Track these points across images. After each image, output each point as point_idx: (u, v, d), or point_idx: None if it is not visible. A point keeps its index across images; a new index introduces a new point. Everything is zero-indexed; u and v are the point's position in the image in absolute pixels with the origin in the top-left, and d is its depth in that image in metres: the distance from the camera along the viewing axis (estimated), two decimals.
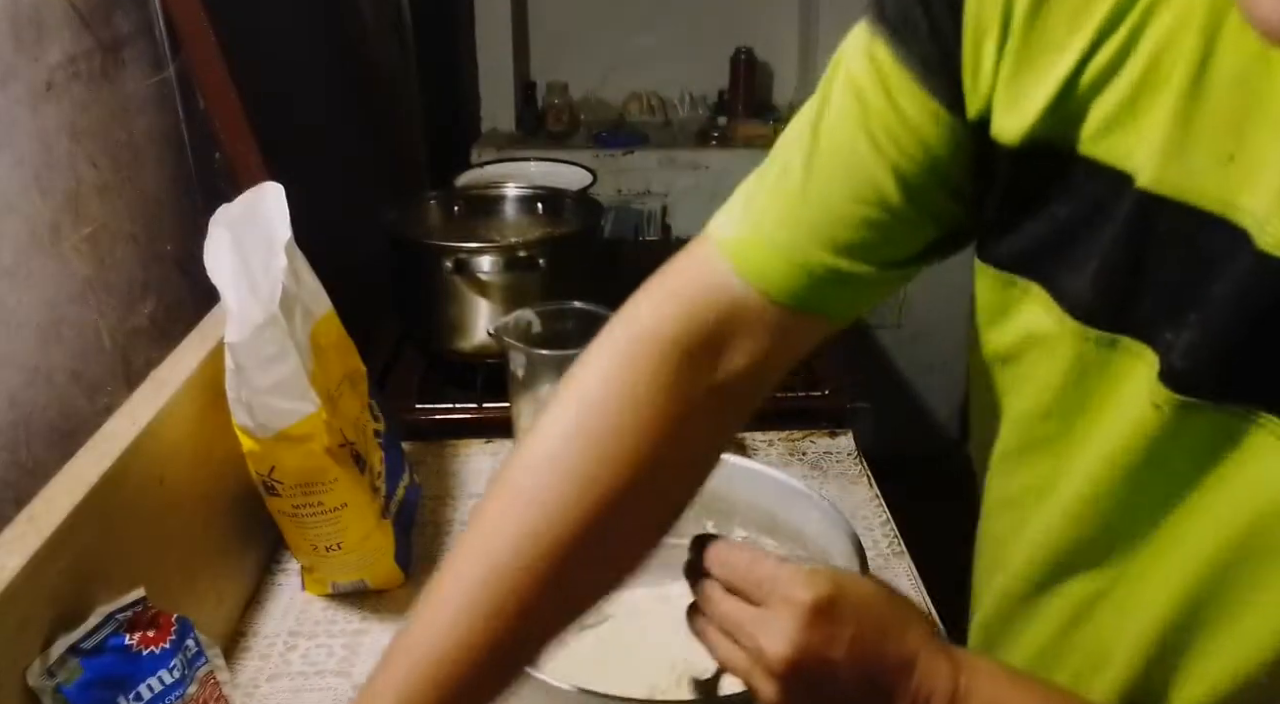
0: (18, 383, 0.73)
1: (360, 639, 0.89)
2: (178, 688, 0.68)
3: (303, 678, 0.85)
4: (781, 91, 2.72)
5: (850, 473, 1.12)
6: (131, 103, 0.91)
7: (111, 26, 0.88)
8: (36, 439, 0.75)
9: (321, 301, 0.89)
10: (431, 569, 0.97)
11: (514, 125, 2.62)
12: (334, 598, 0.94)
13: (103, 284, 0.85)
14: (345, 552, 0.88)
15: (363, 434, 0.91)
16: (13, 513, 0.66)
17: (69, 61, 0.81)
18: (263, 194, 0.87)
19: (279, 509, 0.86)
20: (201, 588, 0.84)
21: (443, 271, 1.18)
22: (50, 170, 0.78)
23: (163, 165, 0.97)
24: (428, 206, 1.35)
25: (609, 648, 0.84)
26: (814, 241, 0.55)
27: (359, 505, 0.86)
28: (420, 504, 1.07)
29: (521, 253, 1.19)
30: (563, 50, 2.67)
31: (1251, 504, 0.48)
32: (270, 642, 0.89)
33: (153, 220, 0.94)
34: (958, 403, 2.60)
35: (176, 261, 0.98)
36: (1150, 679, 0.54)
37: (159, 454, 0.78)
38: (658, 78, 2.70)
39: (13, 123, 0.74)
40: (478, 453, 1.17)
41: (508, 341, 0.98)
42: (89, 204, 0.83)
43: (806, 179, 0.55)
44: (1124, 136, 0.47)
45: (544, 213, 1.37)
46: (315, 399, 0.80)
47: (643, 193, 2.45)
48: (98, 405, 0.83)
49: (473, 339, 1.22)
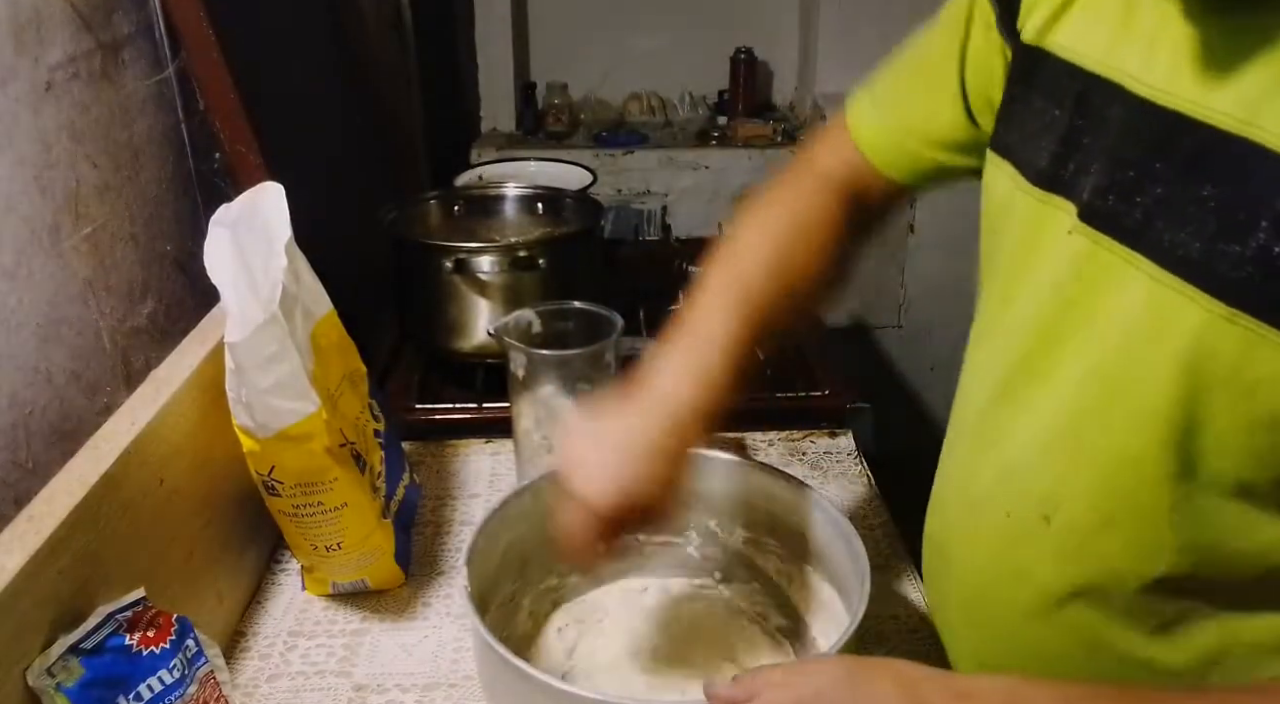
0: (18, 383, 0.73)
1: (360, 639, 0.89)
2: (178, 688, 0.68)
3: (303, 678, 0.85)
4: (782, 91, 2.72)
5: (850, 473, 1.12)
6: (131, 103, 0.91)
7: (111, 27, 0.88)
8: (36, 439, 0.75)
9: (321, 301, 0.89)
10: (432, 569, 0.98)
11: (514, 125, 2.62)
12: (334, 598, 0.94)
13: (103, 284, 0.85)
14: (345, 551, 0.88)
15: (363, 434, 0.91)
16: (12, 513, 0.66)
17: (69, 62, 0.81)
18: (263, 194, 0.87)
19: (279, 509, 0.86)
20: (201, 588, 0.84)
21: (443, 271, 1.18)
22: (50, 170, 0.78)
23: (163, 165, 0.97)
24: (428, 206, 1.35)
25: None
26: (901, 128, 0.77)
27: (359, 505, 0.86)
28: (420, 504, 1.07)
29: (521, 253, 1.19)
30: (563, 50, 2.67)
31: (1103, 314, 0.59)
32: (270, 641, 0.89)
33: (153, 220, 0.94)
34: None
35: (176, 261, 0.98)
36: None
37: (159, 454, 0.78)
38: (658, 77, 2.71)
39: (13, 123, 0.74)
40: (477, 453, 1.17)
41: (508, 341, 0.98)
42: (89, 204, 0.83)
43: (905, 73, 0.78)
44: (1064, 29, 0.64)
45: (544, 213, 1.37)
46: (315, 399, 0.80)
47: (643, 193, 2.46)
48: (97, 405, 0.83)
49: (473, 339, 1.22)
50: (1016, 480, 0.66)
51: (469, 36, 2.54)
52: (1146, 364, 0.56)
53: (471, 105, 2.61)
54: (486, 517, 0.77)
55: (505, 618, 0.83)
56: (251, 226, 0.84)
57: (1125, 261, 0.57)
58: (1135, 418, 0.57)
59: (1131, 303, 0.57)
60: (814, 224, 0.78)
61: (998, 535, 0.68)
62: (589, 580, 0.89)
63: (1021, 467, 0.65)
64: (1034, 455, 0.64)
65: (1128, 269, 0.57)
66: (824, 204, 0.79)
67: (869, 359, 2.56)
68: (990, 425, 0.69)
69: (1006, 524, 0.66)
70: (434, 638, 0.89)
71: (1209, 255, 0.52)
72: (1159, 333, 0.55)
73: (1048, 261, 0.63)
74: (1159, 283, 0.55)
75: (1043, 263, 0.64)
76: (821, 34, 2.43)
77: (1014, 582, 0.67)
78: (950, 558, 0.74)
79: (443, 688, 0.84)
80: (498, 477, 1.13)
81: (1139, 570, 0.60)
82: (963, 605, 0.74)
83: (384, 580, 0.94)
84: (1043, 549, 0.64)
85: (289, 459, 0.81)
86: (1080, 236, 0.61)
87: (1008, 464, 0.67)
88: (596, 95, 2.73)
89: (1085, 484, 0.61)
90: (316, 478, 0.83)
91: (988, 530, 0.69)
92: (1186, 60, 0.54)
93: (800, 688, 0.55)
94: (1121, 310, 0.58)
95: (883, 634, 0.89)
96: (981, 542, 0.70)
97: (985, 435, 0.70)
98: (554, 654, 0.83)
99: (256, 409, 0.79)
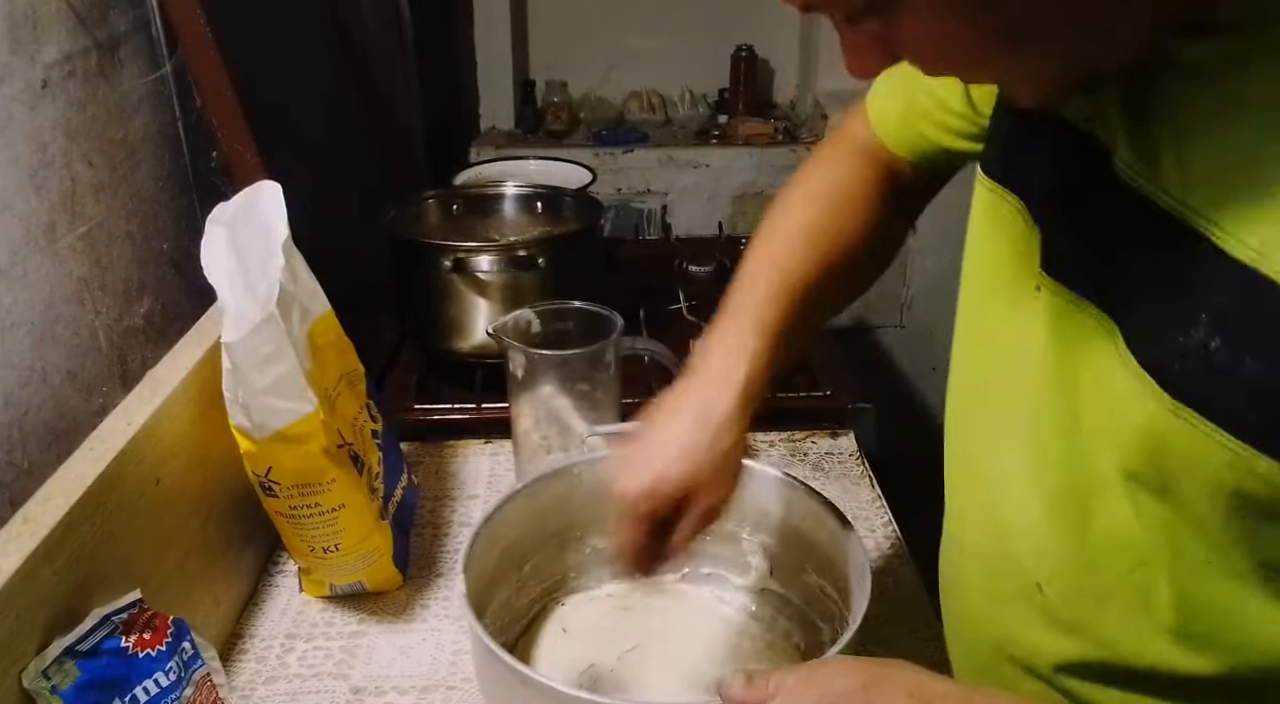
0: (13, 383, 0.73)
1: (358, 641, 0.89)
2: (174, 690, 0.68)
3: (300, 680, 0.85)
4: (782, 89, 2.72)
5: (852, 473, 1.12)
6: (128, 101, 0.91)
7: (108, 25, 0.88)
8: (32, 439, 0.75)
9: (319, 301, 0.89)
10: (430, 571, 0.97)
11: (513, 123, 2.62)
12: (332, 600, 0.94)
13: (99, 283, 0.85)
14: (343, 553, 0.88)
15: (361, 434, 0.90)
16: (8, 514, 0.66)
17: (65, 60, 0.81)
18: (260, 192, 0.86)
19: (276, 510, 0.86)
20: (198, 590, 0.84)
21: (441, 271, 1.17)
22: (46, 169, 0.78)
23: (159, 164, 0.97)
24: (426, 205, 1.35)
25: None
26: (908, 104, 0.75)
27: (357, 506, 0.86)
28: (419, 505, 1.07)
29: (521, 252, 1.18)
30: (562, 48, 2.66)
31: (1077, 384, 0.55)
32: (267, 644, 0.89)
33: (149, 219, 0.94)
34: None
35: (173, 261, 0.98)
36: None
37: (155, 455, 0.77)
38: (658, 76, 2.70)
39: (8, 121, 0.73)
40: (476, 453, 1.17)
41: (507, 341, 0.97)
42: (85, 203, 0.83)
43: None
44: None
45: (543, 212, 1.36)
46: (313, 399, 0.79)
47: (643, 191, 2.45)
48: (93, 405, 0.83)
49: (472, 339, 1.21)
50: (1008, 543, 0.62)
51: (468, 34, 2.53)
52: (1119, 447, 0.52)
53: (470, 103, 2.60)
54: (482, 520, 0.76)
55: (503, 620, 0.82)
56: (249, 225, 0.84)
57: (1098, 324, 0.53)
58: (1118, 499, 0.54)
59: (1102, 376, 0.53)
60: (853, 195, 0.77)
61: (986, 592, 0.65)
62: (593, 580, 0.88)
63: (1013, 531, 0.62)
64: (1026, 523, 0.60)
65: (1099, 334, 0.53)
66: (862, 175, 0.78)
67: (870, 359, 2.55)
68: (978, 477, 0.66)
69: (993, 585, 0.64)
70: (432, 640, 0.89)
71: (1157, 342, 0.48)
72: (1123, 414, 0.51)
73: (1019, 309, 0.59)
74: (1124, 362, 0.51)
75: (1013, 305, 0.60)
76: (822, 32, 2.43)
77: (1005, 640, 0.64)
78: (948, 587, 0.73)
79: (440, 690, 0.83)
80: (497, 477, 1.12)
81: (1138, 648, 0.56)
82: (956, 636, 0.73)
83: (382, 582, 0.93)
84: (1033, 616, 0.61)
85: (286, 460, 0.81)
86: (1050, 295, 0.57)
87: (998, 525, 0.63)
88: (596, 93, 2.72)
89: (1076, 560, 0.58)
90: (314, 479, 0.83)
91: (976, 583, 0.66)
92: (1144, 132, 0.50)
93: (815, 697, 0.53)
94: (1095, 384, 0.53)
95: (883, 637, 0.88)
96: (970, 591, 0.67)
97: (972, 482, 0.67)
98: (553, 656, 0.83)
99: (253, 409, 0.79)
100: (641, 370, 1.21)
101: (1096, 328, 0.53)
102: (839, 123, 2.77)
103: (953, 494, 0.72)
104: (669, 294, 1.50)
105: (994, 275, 0.64)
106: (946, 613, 0.76)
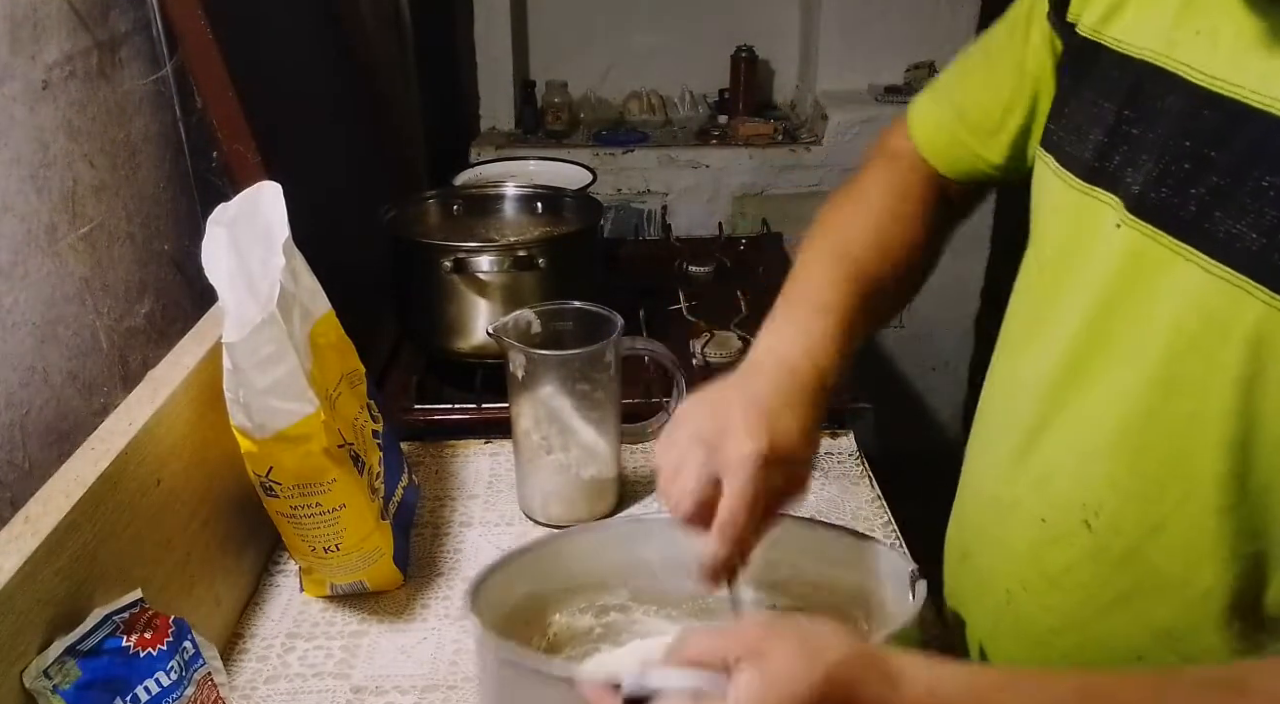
0: (14, 383, 0.73)
1: (359, 641, 0.89)
2: (175, 690, 0.68)
3: (301, 680, 0.85)
4: (782, 90, 2.72)
5: (852, 473, 1.12)
6: (129, 101, 0.91)
7: (108, 25, 0.88)
8: (33, 440, 0.75)
9: (320, 301, 0.89)
10: (431, 571, 0.97)
11: (513, 124, 2.62)
12: (332, 599, 0.94)
13: (100, 284, 0.85)
14: (344, 553, 0.88)
15: (361, 435, 0.90)
16: (9, 514, 0.66)
17: (66, 60, 0.81)
18: (261, 193, 0.86)
19: (277, 510, 0.86)
20: (199, 589, 0.84)
21: (442, 271, 1.17)
22: (47, 169, 0.78)
23: (160, 164, 0.97)
24: (427, 205, 1.35)
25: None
26: (959, 122, 0.79)
27: (357, 506, 0.86)
28: (419, 505, 1.07)
29: (521, 252, 1.18)
30: (562, 48, 2.66)
31: (1164, 335, 0.57)
32: (268, 643, 0.89)
33: (150, 219, 0.94)
34: (960, 403, 2.60)
35: (174, 261, 0.98)
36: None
37: (156, 455, 0.77)
38: (658, 76, 2.70)
39: (9, 122, 0.73)
40: (477, 453, 1.17)
41: (507, 342, 0.97)
42: (86, 203, 0.83)
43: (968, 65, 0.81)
44: (1121, 21, 0.64)
45: (543, 212, 1.36)
46: (313, 399, 0.80)
47: (643, 191, 2.45)
48: (94, 406, 0.83)
49: (472, 339, 1.21)
50: (1055, 485, 0.64)
51: (468, 34, 2.53)
52: (1202, 362, 0.55)
53: (470, 104, 2.60)
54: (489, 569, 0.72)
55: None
56: (250, 226, 0.84)
57: (1177, 254, 0.56)
58: (1190, 420, 0.56)
59: (1185, 299, 0.56)
60: (908, 199, 0.80)
61: (1031, 541, 0.66)
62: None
63: (1060, 472, 0.64)
64: (1076, 460, 0.63)
65: (1179, 263, 0.56)
66: (912, 181, 0.81)
67: (870, 359, 2.55)
68: (1027, 431, 0.68)
69: (1041, 529, 0.65)
70: (433, 640, 0.89)
71: (1267, 247, 0.52)
72: (1215, 329, 0.54)
73: (1093, 259, 0.62)
74: (1213, 276, 0.54)
75: (1088, 261, 0.63)
76: (822, 32, 2.42)
77: (1049, 588, 0.65)
78: (977, 565, 0.73)
79: (441, 690, 0.83)
80: (497, 477, 1.12)
81: (1186, 578, 0.58)
82: (991, 612, 0.72)
83: (382, 582, 0.94)
84: (1082, 554, 0.63)
85: (287, 460, 0.81)
86: (1129, 230, 0.60)
87: (1046, 469, 0.65)
88: (596, 94, 2.72)
89: (1133, 489, 0.60)
90: (314, 479, 0.83)
91: (1019, 536, 0.67)
92: (1249, 50, 0.54)
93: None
94: (1174, 307, 0.57)
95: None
96: (1012, 547, 0.68)
97: (1020, 441, 0.68)
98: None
99: (254, 409, 0.79)
100: (641, 370, 1.21)
101: (1176, 259, 0.56)
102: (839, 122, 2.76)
103: (988, 451, 0.73)
104: (669, 294, 1.50)
105: (1063, 235, 0.67)
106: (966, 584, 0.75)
